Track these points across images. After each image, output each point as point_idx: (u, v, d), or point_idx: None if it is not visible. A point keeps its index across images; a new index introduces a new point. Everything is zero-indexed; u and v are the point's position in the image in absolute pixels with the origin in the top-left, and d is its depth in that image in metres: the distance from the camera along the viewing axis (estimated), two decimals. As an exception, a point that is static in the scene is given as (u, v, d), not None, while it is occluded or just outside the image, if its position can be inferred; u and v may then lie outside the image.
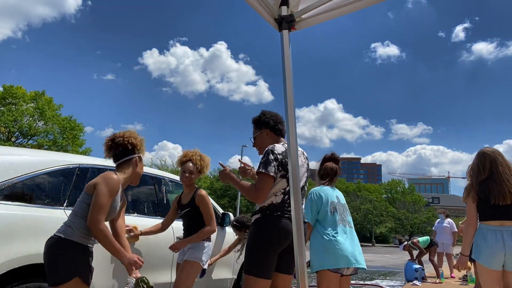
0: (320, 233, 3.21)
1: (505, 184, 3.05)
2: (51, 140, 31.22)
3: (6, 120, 29.02)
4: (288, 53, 2.89)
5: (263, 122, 2.99)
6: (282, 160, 2.71)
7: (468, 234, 3.18)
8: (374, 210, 55.50)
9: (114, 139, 2.65)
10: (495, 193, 3.05)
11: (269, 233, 2.64)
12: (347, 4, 2.83)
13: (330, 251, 3.14)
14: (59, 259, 2.26)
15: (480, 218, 3.16)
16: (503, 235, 3.00)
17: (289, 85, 2.85)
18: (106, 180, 2.40)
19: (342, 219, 3.30)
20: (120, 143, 2.63)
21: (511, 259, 2.95)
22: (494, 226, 3.06)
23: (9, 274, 2.53)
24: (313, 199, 3.33)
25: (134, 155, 2.65)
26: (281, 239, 2.65)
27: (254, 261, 2.65)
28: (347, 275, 3.28)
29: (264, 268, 2.63)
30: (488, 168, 3.17)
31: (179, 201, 3.60)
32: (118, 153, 2.63)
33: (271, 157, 2.69)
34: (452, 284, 8.10)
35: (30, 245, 2.64)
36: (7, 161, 2.81)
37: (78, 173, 3.18)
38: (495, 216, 3.07)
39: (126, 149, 2.63)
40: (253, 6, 2.77)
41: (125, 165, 2.62)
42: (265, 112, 3.05)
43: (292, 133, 2.85)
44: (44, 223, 2.78)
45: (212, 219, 3.45)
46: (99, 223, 2.30)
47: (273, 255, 2.66)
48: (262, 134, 2.98)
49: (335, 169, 3.49)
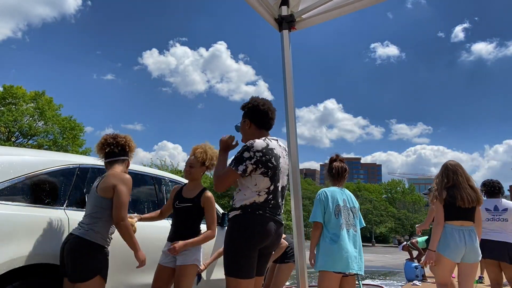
0: (324, 235, 3.32)
1: (465, 191, 3.61)
2: (51, 140, 31.25)
3: (6, 120, 29.04)
4: (288, 53, 2.89)
5: (246, 112, 2.80)
6: (262, 157, 2.54)
7: (437, 232, 3.63)
8: (374, 210, 55.54)
9: (116, 138, 2.94)
10: (459, 198, 3.58)
11: (250, 231, 2.49)
12: (347, 4, 2.83)
13: (331, 254, 3.24)
14: (85, 259, 2.57)
15: (446, 219, 3.64)
16: (464, 234, 3.56)
17: (289, 85, 2.84)
18: (123, 180, 2.74)
19: (346, 223, 3.36)
20: (121, 143, 2.93)
21: (469, 253, 3.54)
22: (457, 226, 3.59)
23: (9, 274, 2.52)
24: (321, 199, 3.40)
25: (128, 157, 3.01)
26: (262, 237, 2.53)
27: (234, 261, 2.49)
28: (351, 275, 3.38)
29: (246, 267, 2.47)
30: (451, 177, 3.71)
31: (179, 193, 3.43)
32: (116, 151, 2.91)
33: (246, 154, 2.54)
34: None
35: (30, 245, 2.63)
36: (7, 161, 2.81)
37: (78, 173, 3.18)
38: (458, 217, 3.60)
39: (124, 150, 2.95)
40: (253, 6, 2.77)
41: (118, 164, 2.91)
42: (252, 100, 2.82)
43: (292, 133, 2.85)
44: (44, 223, 2.78)
45: (214, 224, 3.33)
46: (124, 219, 2.65)
47: (254, 253, 2.51)
48: (244, 124, 2.80)
49: (344, 168, 3.64)
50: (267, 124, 2.79)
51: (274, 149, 2.64)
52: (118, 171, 2.86)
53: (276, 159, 2.63)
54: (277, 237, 2.66)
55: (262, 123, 2.77)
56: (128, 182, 2.76)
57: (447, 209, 3.63)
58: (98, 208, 2.70)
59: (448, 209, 3.63)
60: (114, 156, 2.92)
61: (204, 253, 3.82)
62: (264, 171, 2.56)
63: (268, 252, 2.71)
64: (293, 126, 2.83)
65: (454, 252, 3.54)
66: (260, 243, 2.54)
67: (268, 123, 2.79)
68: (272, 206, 2.62)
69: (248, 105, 2.79)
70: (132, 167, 3.86)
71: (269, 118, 2.78)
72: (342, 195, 3.47)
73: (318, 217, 3.33)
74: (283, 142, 2.85)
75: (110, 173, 2.79)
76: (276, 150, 2.67)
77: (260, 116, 2.76)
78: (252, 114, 2.76)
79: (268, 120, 2.78)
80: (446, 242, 3.58)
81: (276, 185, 2.63)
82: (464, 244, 3.53)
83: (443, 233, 3.61)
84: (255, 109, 2.75)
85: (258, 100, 2.80)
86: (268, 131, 2.82)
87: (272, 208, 2.61)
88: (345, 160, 3.70)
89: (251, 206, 2.55)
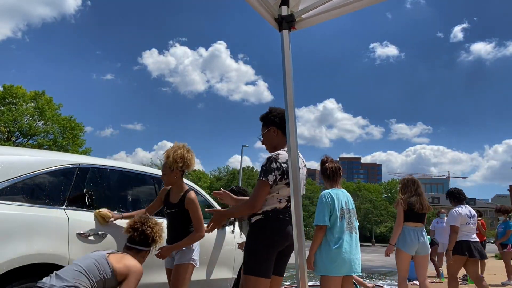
0: (328, 240, 3.29)
1: (424, 201, 4.56)
2: (51, 140, 31.24)
3: (6, 120, 29.03)
4: (289, 53, 2.89)
5: (270, 120, 2.97)
6: (286, 168, 2.69)
7: (398, 231, 4.56)
8: (374, 210, 55.54)
9: (144, 224, 2.88)
10: (418, 205, 4.51)
11: (270, 233, 2.66)
12: (347, 4, 2.83)
13: (335, 259, 3.23)
14: None
15: (405, 221, 4.56)
16: (417, 233, 4.52)
17: (289, 84, 2.85)
18: (137, 274, 2.63)
19: (349, 225, 3.36)
20: (146, 232, 2.86)
21: (421, 248, 4.51)
22: (413, 227, 4.54)
23: (9, 274, 2.53)
24: (328, 201, 3.36)
25: (149, 248, 2.91)
26: (282, 240, 2.68)
27: (255, 261, 2.64)
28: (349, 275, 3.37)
29: (265, 267, 2.63)
30: (414, 189, 4.64)
31: (167, 197, 3.45)
32: (138, 240, 2.85)
33: (273, 165, 2.69)
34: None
35: (30, 245, 2.64)
36: (7, 161, 2.81)
37: (78, 173, 3.18)
38: (414, 220, 4.55)
39: (146, 241, 2.86)
40: (253, 6, 2.77)
41: (137, 252, 2.82)
42: (272, 109, 3.01)
43: (292, 132, 2.85)
44: (44, 223, 2.78)
45: (201, 225, 3.30)
46: None
47: (273, 255, 2.67)
48: (269, 132, 2.96)
49: (338, 167, 3.66)
50: None
51: None
52: (132, 262, 2.68)
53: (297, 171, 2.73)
54: None
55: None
56: (140, 276, 2.67)
57: (406, 213, 4.54)
58: (97, 275, 2.46)
59: (407, 213, 4.54)
60: (133, 243, 2.84)
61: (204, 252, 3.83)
62: (288, 182, 2.70)
63: (288, 253, 2.83)
64: (293, 126, 2.83)
65: (410, 247, 4.47)
66: (281, 245, 2.70)
67: None
68: (291, 211, 2.70)
69: (273, 114, 2.97)
70: (132, 167, 3.87)
71: None
72: (344, 196, 3.46)
73: (326, 220, 3.29)
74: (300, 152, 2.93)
75: (128, 263, 2.64)
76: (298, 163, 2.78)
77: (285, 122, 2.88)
78: (279, 121, 2.93)
79: None
80: (404, 240, 4.50)
81: None
82: (418, 241, 4.47)
83: (402, 232, 4.53)
84: (281, 116, 2.93)
85: (278, 109, 3.00)
86: None
87: (291, 213, 2.71)
88: (345, 159, 3.72)
89: (273, 211, 2.70)
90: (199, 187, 3.97)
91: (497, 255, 17.50)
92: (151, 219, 2.95)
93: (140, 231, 2.83)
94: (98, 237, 3.10)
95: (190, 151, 3.49)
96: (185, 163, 3.36)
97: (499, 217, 8.53)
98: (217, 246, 4.36)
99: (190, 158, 3.42)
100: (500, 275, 9.62)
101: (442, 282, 8.22)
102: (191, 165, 3.46)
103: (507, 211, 8.44)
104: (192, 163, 3.44)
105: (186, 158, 3.37)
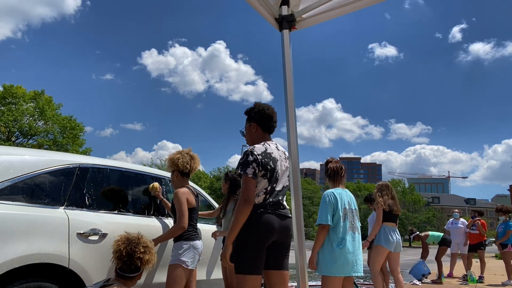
0: (331, 240, 3.28)
1: (397, 203, 5.25)
2: (51, 139, 31.20)
3: (6, 120, 29.00)
4: (289, 53, 2.89)
5: (251, 116, 2.95)
6: (262, 160, 2.68)
7: (377, 229, 5.16)
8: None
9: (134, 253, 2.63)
10: (395, 207, 5.18)
11: (253, 227, 2.60)
12: (347, 4, 2.83)
13: (338, 260, 3.23)
14: None
15: (384, 221, 5.15)
16: (395, 232, 5.18)
17: (290, 84, 2.84)
18: None
19: (351, 225, 3.36)
20: (135, 263, 2.64)
21: (398, 246, 5.16)
22: (390, 226, 5.16)
23: (9, 274, 2.52)
24: (331, 201, 3.36)
25: (140, 272, 2.69)
26: (267, 233, 2.62)
27: (240, 258, 2.60)
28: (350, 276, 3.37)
29: (251, 264, 2.57)
30: (391, 193, 5.31)
31: None
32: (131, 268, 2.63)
33: (250, 158, 2.68)
34: (452, 284, 8.10)
35: (30, 245, 2.63)
36: (7, 161, 2.80)
37: (78, 173, 3.18)
38: (392, 220, 5.19)
39: (137, 267, 2.66)
40: (253, 6, 2.77)
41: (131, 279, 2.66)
42: (255, 105, 2.99)
43: (292, 132, 2.85)
44: (44, 223, 2.78)
45: (182, 216, 3.37)
46: None
47: (260, 249, 2.60)
48: (250, 127, 2.95)
49: (341, 166, 3.68)
50: (271, 127, 2.96)
51: (272, 153, 2.79)
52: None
53: (274, 162, 2.77)
54: (283, 229, 2.71)
55: (267, 126, 2.93)
56: None
57: (385, 214, 5.11)
58: None
59: (386, 214, 5.13)
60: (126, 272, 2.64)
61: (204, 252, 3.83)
62: (264, 173, 2.70)
63: (281, 245, 2.73)
64: (293, 126, 2.83)
65: (390, 244, 5.07)
66: (266, 238, 2.63)
67: (272, 126, 2.96)
68: (273, 203, 2.71)
69: (254, 110, 2.95)
70: (132, 167, 3.86)
71: (273, 122, 2.95)
72: (347, 196, 3.46)
73: (328, 220, 3.28)
74: (282, 145, 3.00)
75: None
76: (274, 154, 2.81)
77: (266, 120, 2.92)
78: (259, 118, 2.91)
79: (272, 124, 2.95)
80: (386, 238, 5.07)
81: (273, 185, 2.74)
82: (395, 239, 5.10)
83: (383, 231, 5.11)
84: (261, 113, 2.91)
85: (262, 105, 2.98)
86: (270, 135, 2.97)
87: (272, 205, 2.71)
88: (345, 159, 3.75)
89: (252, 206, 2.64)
90: (199, 187, 3.97)
91: (497, 255, 17.50)
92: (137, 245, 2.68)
93: (129, 263, 2.63)
94: (98, 237, 3.10)
95: (183, 153, 3.71)
96: (174, 163, 3.64)
97: (499, 217, 8.53)
98: (217, 246, 4.35)
99: (178, 158, 3.63)
100: (500, 275, 9.62)
101: (443, 282, 8.22)
102: (182, 165, 3.63)
103: (507, 211, 8.44)
104: (182, 163, 3.63)
105: (174, 159, 3.64)
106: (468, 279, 8.28)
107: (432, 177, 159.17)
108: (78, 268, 2.88)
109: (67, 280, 2.86)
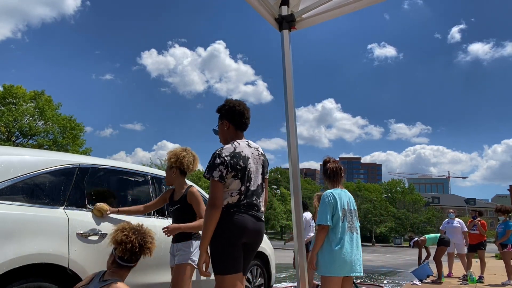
0: (330, 240, 3.29)
1: None
2: (51, 140, 31.20)
3: (6, 120, 29.00)
4: (289, 53, 2.89)
5: (223, 113, 2.86)
6: (230, 161, 2.62)
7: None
8: (374, 210, 55.49)
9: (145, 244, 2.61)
10: None
11: (226, 227, 2.56)
12: (347, 4, 2.84)
13: (337, 260, 3.23)
14: None
15: None
16: None
17: (289, 84, 2.85)
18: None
19: (350, 226, 3.37)
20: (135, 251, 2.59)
21: None
22: None
23: (9, 274, 2.52)
24: (330, 202, 3.36)
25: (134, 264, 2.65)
26: (239, 231, 2.57)
27: (216, 259, 2.55)
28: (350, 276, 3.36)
29: (228, 263, 2.53)
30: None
31: (171, 197, 3.54)
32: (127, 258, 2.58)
33: (217, 161, 2.62)
34: (452, 284, 8.10)
35: (30, 245, 2.63)
36: (7, 161, 2.81)
37: (78, 173, 3.18)
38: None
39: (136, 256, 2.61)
40: (253, 6, 2.77)
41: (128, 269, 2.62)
42: (226, 102, 2.89)
43: (292, 132, 2.85)
44: (44, 223, 2.78)
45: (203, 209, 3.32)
46: None
47: (235, 248, 2.56)
48: (222, 125, 2.86)
49: (339, 167, 3.65)
50: (244, 124, 2.86)
51: (241, 152, 2.72)
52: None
53: (244, 161, 2.70)
54: (255, 232, 2.67)
55: (239, 123, 2.84)
56: None
57: None
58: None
59: None
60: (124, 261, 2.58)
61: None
62: (235, 174, 2.64)
63: (250, 249, 2.71)
64: (293, 126, 2.83)
65: None
66: (239, 237, 2.58)
67: (245, 123, 2.87)
68: (247, 204, 2.66)
69: (225, 107, 2.86)
70: (132, 167, 3.87)
71: (245, 118, 2.85)
72: (346, 197, 3.46)
73: (328, 220, 3.29)
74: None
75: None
76: (245, 152, 2.73)
77: (237, 117, 2.83)
78: (230, 115, 2.83)
79: (244, 120, 2.85)
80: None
81: (247, 185, 2.69)
82: None
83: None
84: (231, 110, 2.82)
85: (233, 101, 2.87)
86: (243, 132, 2.89)
87: (246, 206, 2.66)
88: (345, 159, 3.74)
89: (226, 206, 2.62)
90: (199, 187, 3.97)
91: (497, 255, 17.50)
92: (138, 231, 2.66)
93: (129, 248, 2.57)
94: (98, 237, 3.10)
95: (188, 151, 3.61)
96: (178, 160, 3.49)
97: (499, 217, 8.52)
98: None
99: (184, 156, 3.53)
100: (500, 275, 9.62)
101: (442, 282, 8.22)
102: (187, 164, 3.54)
103: (507, 211, 8.43)
104: (187, 161, 3.53)
105: (179, 156, 3.50)
106: (468, 279, 8.28)
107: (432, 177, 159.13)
108: (78, 268, 2.88)
109: (67, 280, 2.86)
